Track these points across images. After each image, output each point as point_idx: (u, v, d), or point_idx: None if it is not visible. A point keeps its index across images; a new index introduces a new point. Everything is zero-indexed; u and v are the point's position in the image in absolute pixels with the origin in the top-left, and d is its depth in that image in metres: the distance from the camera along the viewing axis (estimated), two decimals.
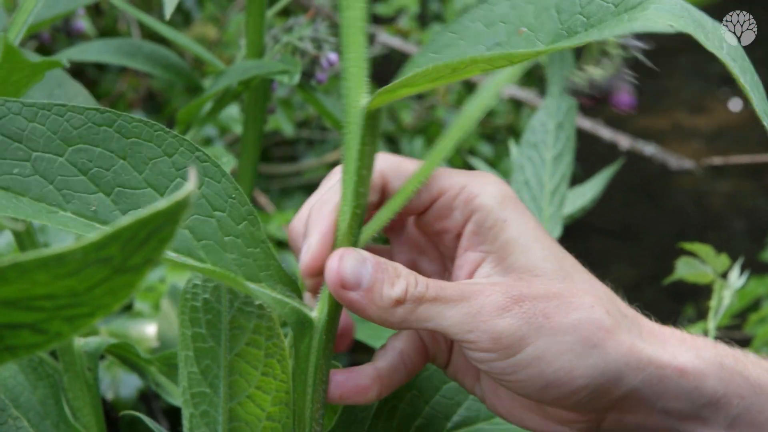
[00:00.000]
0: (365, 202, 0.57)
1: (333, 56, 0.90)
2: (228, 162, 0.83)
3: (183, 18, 2.15)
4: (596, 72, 0.66)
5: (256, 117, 0.93)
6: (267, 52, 0.92)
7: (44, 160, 0.52)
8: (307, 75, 0.91)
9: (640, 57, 0.68)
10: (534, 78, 2.44)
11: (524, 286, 0.57)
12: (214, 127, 1.86)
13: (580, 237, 1.44)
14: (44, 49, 1.62)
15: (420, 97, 2.50)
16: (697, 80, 3.27)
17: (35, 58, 0.65)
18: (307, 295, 0.62)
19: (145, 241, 0.31)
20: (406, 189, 0.58)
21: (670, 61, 3.36)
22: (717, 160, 1.54)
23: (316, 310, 0.59)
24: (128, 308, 1.25)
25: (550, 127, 1.27)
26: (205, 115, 0.93)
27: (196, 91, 0.98)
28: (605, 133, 1.82)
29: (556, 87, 1.27)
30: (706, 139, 3.00)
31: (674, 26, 0.46)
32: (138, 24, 1.92)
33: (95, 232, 0.29)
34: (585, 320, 0.56)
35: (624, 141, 1.79)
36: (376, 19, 2.47)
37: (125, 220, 0.29)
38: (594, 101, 0.67)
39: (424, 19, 2.56)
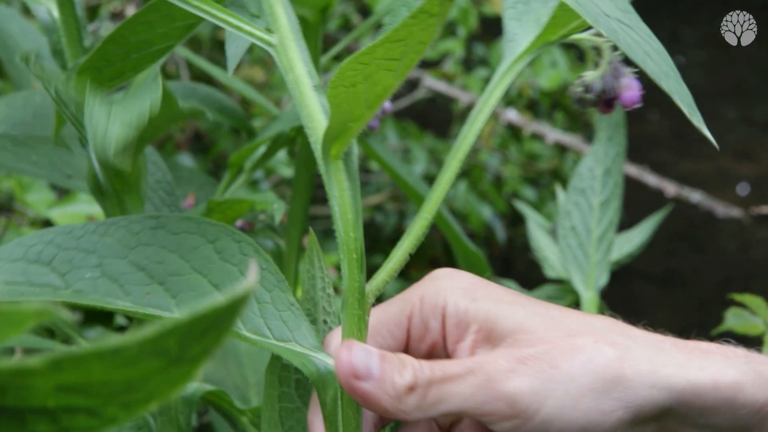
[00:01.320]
0: (361, 246, 0.58)
1: (386, 103, 0.91)
2: (279, 208, 0.83)
3: None
4: (592, 75, 0.65)
5: (308, 162, 0.94)
6: None
7: (111, 264, 0.60)
8: None
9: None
10: (579, 123, 2.44)
11: (522, 345, 0.56)
12: (260, 169, 1.87)
13: (623, 283, 1.43)
14: None
15: None
16: (742, 126, 3.25)
17: None
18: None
19: (203, 334, 0.31)
20: (413, 232, 0.59)
21: (713, 107, 3.34)
22: (766, 209, 1.53)
23: None
24: None
25: (597, 173, 1.27)
26: (257, 159, 0.94)
27: (244, 134, 0.99)
28: (651, 179, 1.81)
29: (604, 133, 1.26)
30: (751, 185, 2.98)
31: None
32: (186, 64, 1.95)
33: (152, 325, 0.30)
34: (593, 359, 0.55)
35: (670, 188, 1.78)
36: (422, 63, 2.48)
37: (184, 315, 0.30)
38: (605, 106, 0.66)
39: (469, 63, 2.57)
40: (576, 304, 1.28)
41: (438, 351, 0.61)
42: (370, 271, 1.77)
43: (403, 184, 1.01)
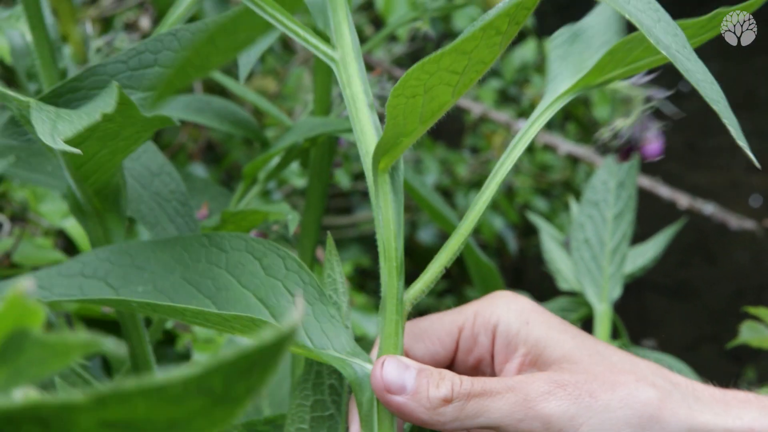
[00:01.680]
0: (401, 255, 0.61)
1: None
2: (293, 219, 0.83)
3: None
4: (623, 123, 0.68)
5: (321, 173, 0.94)
6: (334, 108, 0.93)
7: (162, 279, 0.64)
8: None
9: (663, 106, 0.70)
10: (591, 135, 2.43)
11: (565, 372, 0.58)
12: (273, 180, 1.87)
13: (635, 295, 1.43)
14: None
15: (475, 151, 2.50)
16: (754, 138, 3.24)
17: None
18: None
19: (247, 372, 0.31)
20: (449, 246, 0.62)
21: None
22: None
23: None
24: (186, 359, 1.25)
25: (611, 186, 1.27)
26: (271, 170, 0.94)
27: (258, 144, 0.99)
28: (664, 191, 1.81)
29: None
30: (764, 197, 2.97)
31: None
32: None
33: (197, 365, 0.30)
34: (633, 395, 0.57)
35: (683, 200, 1.78)
36: None
37: (229, 353, 0.30)
38: (625, 155, 0.69)
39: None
40: (589, 317, 1.27)
41: (484, 367, 0.64)
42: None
43: (415, 195, 1.01)
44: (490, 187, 0.63)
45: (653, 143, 0.68)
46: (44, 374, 0.32)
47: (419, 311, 0.66)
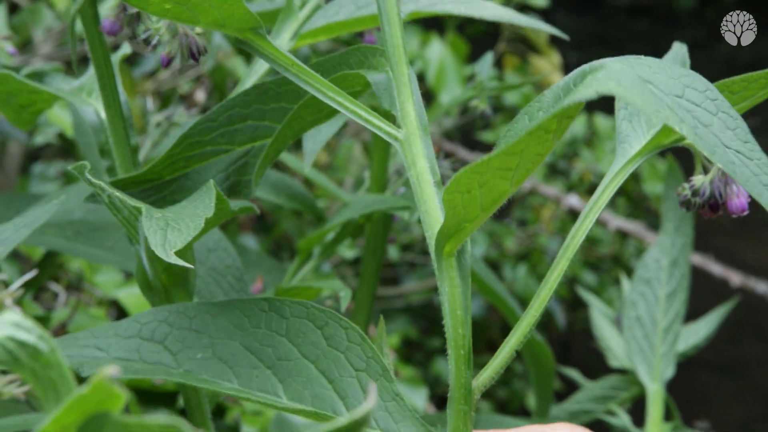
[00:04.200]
0: (469, 342, 0.59)
1: None
2: (346, 297, 0.84)
3: (294, 143, 2.19)
4: (702, 180, 0.66)
5: (376, 249, 0.94)
6: (390, 185, 0.94)
7: (222, 345, 0.63)
8: None
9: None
10: (641, 210, 2.42)
11: None
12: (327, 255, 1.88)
13: (685, 371, 1.41)
14: None
15: (523, 223, 2.50)
16: None
17: None
18: None
19: None
20: (520, 329, 0.60)
21: None
22: None
23: None
24: None
25: (663, 264, 1.26)
26: (326, 244, 0.95)
27: (308, 216, 1.00)
28: (716, 269, 1.79)
29: (671, 223, 1.26)
30: None
31: (616, 91, 0.48)
32: None
33: None
34: None
35: (735, 278, 1.76)
36: (484, 147, 2.49)
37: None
38: (711, 211, 0.67)
39: None
40: (640, 396, 1.26)
41: None
42: (428, 356, 1.77)
43: None
44: (561, 264, 0.61)
45: (738, 198, 0.65)
46: None
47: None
